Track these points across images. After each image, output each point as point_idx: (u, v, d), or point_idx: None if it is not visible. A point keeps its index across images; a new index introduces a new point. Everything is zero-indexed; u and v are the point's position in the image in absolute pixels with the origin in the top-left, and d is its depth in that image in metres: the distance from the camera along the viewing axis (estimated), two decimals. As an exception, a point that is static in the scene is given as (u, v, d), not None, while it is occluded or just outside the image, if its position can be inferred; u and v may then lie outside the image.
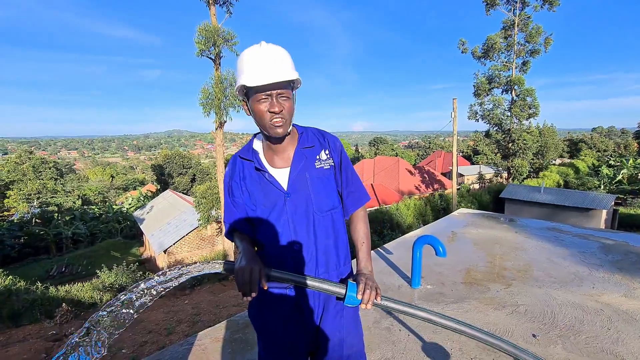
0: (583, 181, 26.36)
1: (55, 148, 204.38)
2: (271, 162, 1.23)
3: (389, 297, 1.13)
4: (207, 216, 15.92)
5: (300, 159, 1.21)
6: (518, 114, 22.38)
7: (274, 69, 1.07)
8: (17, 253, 22.29)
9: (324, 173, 1.23)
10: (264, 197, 1.20)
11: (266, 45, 1.09)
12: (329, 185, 1.24)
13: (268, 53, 1.08)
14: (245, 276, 1.02)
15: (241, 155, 1.27)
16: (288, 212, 1.18)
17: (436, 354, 2.19)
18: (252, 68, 1.07)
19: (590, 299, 2.84)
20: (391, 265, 3.70)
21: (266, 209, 1.20)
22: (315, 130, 1.30)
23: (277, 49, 1.11)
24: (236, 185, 1.26)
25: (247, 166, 1.25)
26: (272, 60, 1.08)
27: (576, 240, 4.42)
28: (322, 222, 1.21)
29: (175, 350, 2.34)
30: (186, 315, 7.16)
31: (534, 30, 22.13)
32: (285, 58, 1.11)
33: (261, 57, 1.08)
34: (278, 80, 1.06)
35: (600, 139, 51.54)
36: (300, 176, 1.20)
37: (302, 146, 1.23)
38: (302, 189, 1.19)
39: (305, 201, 1.19)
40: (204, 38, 12.83)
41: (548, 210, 16.62)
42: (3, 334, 7.64)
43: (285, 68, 1.09)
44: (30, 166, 29.99)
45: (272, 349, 1.26)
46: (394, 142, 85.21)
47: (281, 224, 1.19)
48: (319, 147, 1.25)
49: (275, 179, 1.20)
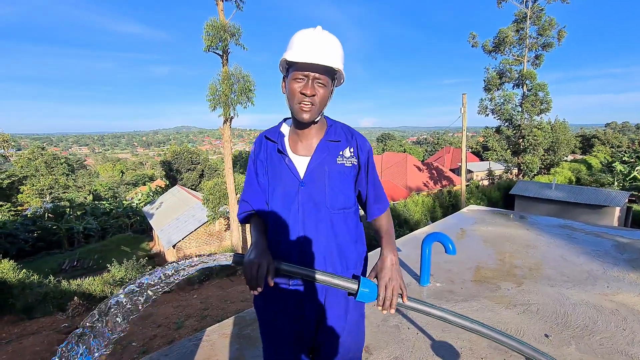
0: (596, 178, 25.82)
1: (66, 144, 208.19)
2: (294, 148, 1.21)
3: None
4: (215, 212, 16.04)
5: (323, 151, 1.18)
6: (529, 109, 21.95)
7: (318, 51, 1.05)
8: (30, 247, 22.79)
9: (344, 170, 1.19)
10: (280, 181, 1.19)
11: (320, 31, 1.09)
12: (346, 183, 1.20)
13: (319, 36, 1.08)
14: (253, 271, 1.01)
15: (267, 135, 1.26)
16: (299, 202, 1.16)
17: (446, 353, 2.16)
18: (299, 46, 1.07)
19: (605, 299, 2.77)
20: (399, 262, 3.66)
21: (279, 194, 1.19)
22: (345, 126, 1.27)
23: (329, 36, 1.09)
24: (261, 164, 1.25)
25: (270, 147, 1.24)
26: (320, 44, 1.06)
27: (589, 238, 4.32)
28: (333, 219, 1.18)
29: (184, 345, 2.35)
30: (195, 309, 7.24)
31: (547, 22, 21.61)
32: (334, 47, 1.09)
33: (311, 38, 1.07)
34: (319, 63, 1.04)
35: (614, 135, 50.41)
36: (319, 168, 1.17)
37: (328, 138, 1.20)
38: (318, 181, 1.16)
39: (319, 194, 1.16)
40: (211, 34, 12.84)
41: (559, 207, 16.33)
42: (17, 326, 7.84)
43: (330, 55, 1.07)
44: (42, 162, 30.56)
45: (273, 340, 1.26)
46: (402, 138, 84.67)
47: (291, 213, 1.17)
48: (345, 143, 1.22)
49: (294, 165, 1.18)
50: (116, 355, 4.98)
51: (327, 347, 1.22)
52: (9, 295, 9.29)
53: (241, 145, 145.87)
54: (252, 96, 13.94)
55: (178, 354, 2.25)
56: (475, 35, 23.29)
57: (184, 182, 35.35)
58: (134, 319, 0.89)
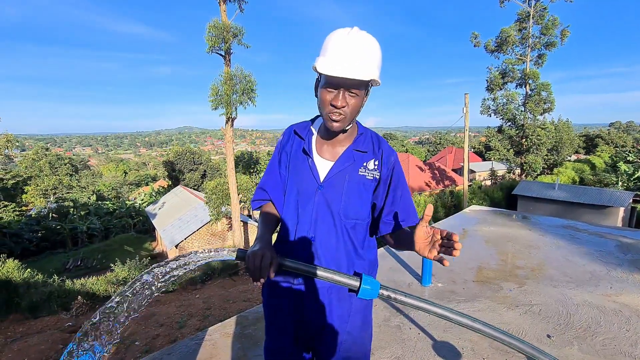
0: (600, 178, 25.67)
1: (70, 145, 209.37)
2: (319, 150, 1.20)
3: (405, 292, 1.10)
4: (217, 212, 16.08)
5: (347, 159, 1.17)
6: (532, 109, 21.86)
7: (353, 63, 0.99)
8: (35, 247, 22.96)
9: (364, 182, 1.17)
10: (299, 179, 1.19)
11: (355, 34, 1.01)
12: (364, 195, 1.18)
13: (354, 43, 1.00)
14: (256, 261, 1.01)
15: (296, 130, 1.25)
16: (315, 204, 1.16)
17: (447, 353, 2.16)
18: (331, 54, 1.01)
19: (608, 299, 2.76)
20: (401, 262, 3.66)
21: (296, 192, 1.19)
22: (375, 135, 1.24)
23: (365, 41, 1.02)
24: (285, 156, 1.24)
25: (297, 142, 1.23)
26: (354, 53, 1.00)
27: (592, 238, 4.30)
28: (345, 227, 1.17)
29: (187, 345, 2.36)
30: (197, 309, 7.27)
31: (550, 21, 21.51)
32: (370, 53, 1.02)
33: (344, 46, 1.00)
34: (351, 77, 0.99)
35: (618, 134, 50.07)
36: (341, 175, 1.16)
37: (356, 147, 1.18)
38: (336, 188, 1.16)
39: (335, 201, 1.16)
40: (214, 35, 12.89)
41: (562, 207, 16.26)
42: (22, 324, 7.90)
43: (365, 65, 1.01)
44: (46, 162, 30.78)
45: (273, 330, 1.26)
46: (404, 138, 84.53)
47: (305, 214, 1.17)
48: (371, 154, 1.19)
49: (316, 167, 1.17)
50: (120, 354, 5.01)
51: (329, 350, 1.22)
52: (14, 294, 9.35)
53: (243, 146, 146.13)
54: (254, 96, 13.97)
55: (180, 353, 2.26)
56: (478, 35, 23.21)
57: (186, 183, 35.46)
58: (137, 318, 0.90)
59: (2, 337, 6.69)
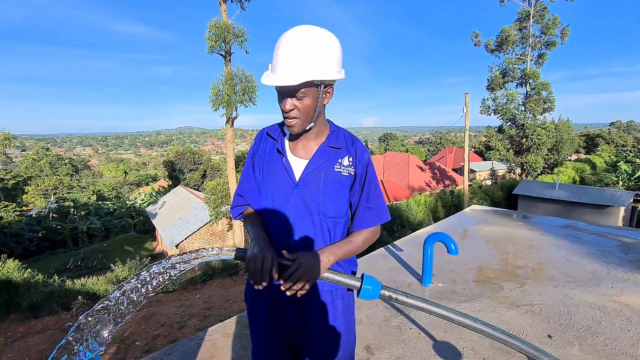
0: (600, 177, 25.63)
1: (70, 145, 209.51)
2: (293, 149, 1.19)
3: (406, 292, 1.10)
4: (217, 212, 16.08)
5: (321, 156, 1.16)
6: (533, 108, 21.83)
7: (286, 69, 0.97)
8: (35, 247, 22.99)
9: (340, 179, 1.16)
10: (274, 180, 1.17)
11: (291, 36, 0.98)
12: (341, 192, 1.17)
13: (288, 47, 0.98)
14: (257, 264, 0.99)
15: (268, 132, 1.24)
16: (292, 204, 1.15)
17: (447, 353, 2.16)
18: (273, 61, 1.01)
19: (609, 299, 2.76)
20: (401, 262, 3.66)
21: (272, 194, 1.17)
22: (348, 133, 1.24)
23: (303, 41, 0.97)
24: (259, 160, 1.23)
25: (270, 144, 1.22)
26: (288, 58, 0.97)
27: (593, 238, 4.30)
28: (323, 227, 1.16)
29: (187, 345, 2.36)
30: (197, 309, 7.27)
31: (551, 21, 21.48)
32: (309, 53, 0.97)
33: (280, 52, 0.99)
34: (284, 85, 0.98)
35: (618, 134, 50.03)
36: (316, 172, 1.15)
37: (329, 144, 1.17)
38: (312, 186, 1.14)
39: (312, 199, 1.14)
40: (214, 35, 12.88)
41: (563, 207, 16.24)
42: (23, 324, 7.90)
43: (301, 69, 0.97)
44: (47, 162, 30.79)
45: (257, 341, 1.25)
46: (404, 137, 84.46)
47: (283, 215, 1.16)
48: (345, 151, 1.19)
49: (290, 166, 1.16)
50: (120, 354, 5.01)
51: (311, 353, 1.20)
52: (14, 294, 9.36)
53: (243, 146, 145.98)
54: (254, 96, 13.97)
55: (180, 353, 2.26)
56: (478, 34, 23.19)
57: (186, 182, 35.47)
58: (137, 318, 0.89)
59: (2, 337, 6.69)
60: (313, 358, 1.21)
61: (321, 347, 1.20)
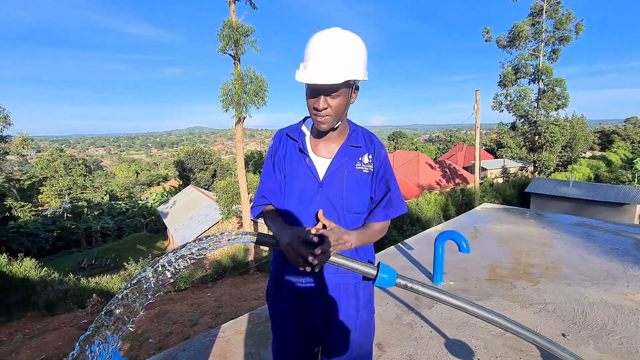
0: (616, 175, 25.06)
1: (83, 146, 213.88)
2: (315, 149, 1.22)
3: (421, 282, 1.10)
4: (227, 210, 16.23)
5: (344, 155, 1.19)
6: (546, 105, 21.41)
7: (326, 69, 1.00)
8: (50, 246, 23.57)
9: (362, 176, 1.21)
10: (298, 180, 1.20)
11: (328, 38, 1.01)
12: (363, 188, 1.21)
13: (327, 48, 1.01)
14: (295, 246, 1.02)
15: (288, 133, 1.26)
16: (317, 203, 1.17)
17: (460, 351, 2.15)
18: (308, 61, 1.03)
19: (625, 298, 2.70)
20: (412, 260, 3.65)
21: (296, 193, 1.20)
22: (365, 131, 1.28)
23: (339, 43, 1.01)
24: (279, 160, 1.24)
25: (291, 145, 1.24)
26: (327, 58, 1.01)
27: (608, 236, 4.21)
28: (347, 222, 1.20)
29: (200, 341, 2.40)
30: (209, 307, 7.36)
31: (564, 16, 21.03)
32: (345, 54, 1.02)
33: (318, 53, 1.01)
34: (325, 84, 1.01)
35: (634, 130, 48.76)
36: (339, 171, 1.18)
37: (350, 143, 1.21)
38: (336, 184, 1.18)
39: (336, 197, 1.17)
40: (225, 34, 12.96)
41: (576, 205, 15.93)
42: (40, 321, 8.12)
43: (339, 68, 1.01)
44: (61, 163, 31.46)
45: (280, 335, 1.27)
46: (413, 136, 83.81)
47: (308, 213, 1.18)
48: (365, 149, 1.23)
49: (314, 166, 1.18)
50: (134, 351, 5.10)
51: (336, 345, 1.22)
52: (31, 292, 9.62)
53: (253, 145, 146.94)
54: (265, 96, 14.04)
55: (195, 349, 2.30)
56: (490, 30, 22.84)
57: (197, 182, 35.89)
58: (150, 316, 0.92)
59: (20, 334, 6.89)
60: (336, 349, 1.23)
61: (343, 339, 1.22)
